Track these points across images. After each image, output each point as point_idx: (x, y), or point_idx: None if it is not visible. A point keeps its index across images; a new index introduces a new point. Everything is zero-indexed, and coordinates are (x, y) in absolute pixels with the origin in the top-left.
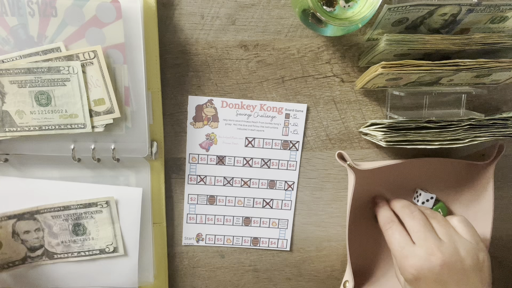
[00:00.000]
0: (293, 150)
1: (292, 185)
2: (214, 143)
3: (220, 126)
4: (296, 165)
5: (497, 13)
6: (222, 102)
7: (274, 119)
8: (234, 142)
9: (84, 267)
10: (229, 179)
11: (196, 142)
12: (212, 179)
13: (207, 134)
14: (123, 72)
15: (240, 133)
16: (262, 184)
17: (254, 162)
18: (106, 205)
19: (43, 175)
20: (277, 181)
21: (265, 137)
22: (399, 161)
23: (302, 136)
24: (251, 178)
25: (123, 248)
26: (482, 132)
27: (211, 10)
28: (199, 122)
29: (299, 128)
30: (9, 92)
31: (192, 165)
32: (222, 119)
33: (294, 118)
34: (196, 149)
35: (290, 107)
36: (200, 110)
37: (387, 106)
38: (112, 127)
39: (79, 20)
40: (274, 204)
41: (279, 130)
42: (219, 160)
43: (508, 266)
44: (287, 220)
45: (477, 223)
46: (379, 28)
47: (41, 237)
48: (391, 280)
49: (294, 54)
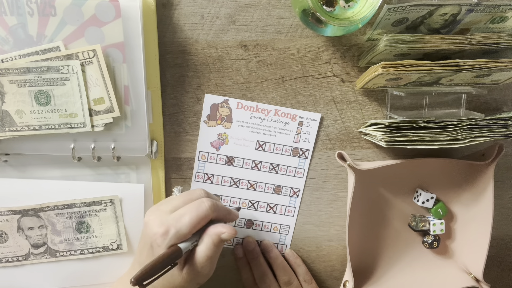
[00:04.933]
0: (302, 157)
1: (298, 192)
2: (225, 143)
3: (233, 127)
4: (304, 173)
5: (497, 13)
6: (238, 104)
7: (287, 125)
8: (245, 144)
9: (88, 264)
10: (236, 180)
11: (208, 140)
12: (219, 179)
13: (219, 133)
14: (123, 71)
15: (252, 136)
16: (268, 188)
17: (262, 166)
18: (110, 203)
19: (43, 175)
20: (283, 186)
21: (276, 142)
22: (399, 161)
23: (313, 145)
24: (258, 181)
25: (127, 245)
26: (482, 132)
27: (211, 10)
28: (213, 121)
29: (311, 136)
30: (9, 91)
31: (201, 162)
32: (236, 120)
33: (307, 126)
34: (207, 147)
35: (304, 115)
36: (215, 109)
37: (387, 106)
38: (112, 126)
39: (78, 19)
40: (278, 209)
41: (291, 137)
42: (228, 160)
43: (508, 266)
44: (288, 226)
45: (477, 223)
46: (379, 28)
47: (44, 234)
48: (391, 280)
49: (294, 54)
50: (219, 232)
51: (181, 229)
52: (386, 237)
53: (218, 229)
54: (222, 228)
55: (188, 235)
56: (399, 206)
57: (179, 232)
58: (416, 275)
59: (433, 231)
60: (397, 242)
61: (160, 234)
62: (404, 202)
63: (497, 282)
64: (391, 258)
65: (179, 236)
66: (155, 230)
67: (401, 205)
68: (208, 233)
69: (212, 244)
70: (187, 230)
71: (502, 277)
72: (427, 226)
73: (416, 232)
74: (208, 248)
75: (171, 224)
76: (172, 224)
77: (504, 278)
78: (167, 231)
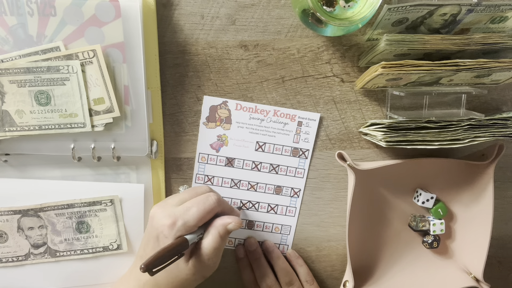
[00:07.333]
0: (302, 158)
1: (298, 192)
2: (225, 144)
3: (233, 128)
4: (304, 173)
5: (497, 13)
6: (237, 105)
7: (287, 125)
8: (244, 145)
9: (88, 264)
10: (236, 182)
11: (207, 142)
12: (220, 180)
13: (219, 135)
14: (123, 71)
15: (252, 137)
16: (268, 189)
17: (262, 167)
18: (110, 203)
19: (43, 175)
20: (284, 187)
21: (276, 143)
22: (399, 161)
23: (313, 145)
24: (258, 182)
25: (127, 245)
26: (482, 132)
27: (211, 10)
28: (212, 123)
29: (310, 136)
30: (9, 91)
31: (201, 164)
32: (235, 121)
33: (306, 126)
34: (206, 149)
35: (303, 115)
36: (214, 110)
37: (387, 106)
38: (112, 126)
39: (78, 19)
40: (279, 209)
41: (290, 137)
42: (228, 162)
43: (508, 266)
44: (289, 226)
45: (477, 223)
46: (379, 28)
47: (44, 234)
48: (391, 280)
49: (294, 54)
50: (226, 223)
51: (188, 221)
52: (386, 237)
53: (225, 220)
54: (228, 219)
55: (195, 227)
56: (399, 206)
57: (187, 223)
58: (416, 275)
59: (433, 231)
60: (397, 242)
61: (168, 225)
62: (404, 202)
63: (497, 282)
64: (391, 258)
65: (186, 228)
66: (163, 222)
67: (401, 205)
68: (215, 225)
69: (219, 236)
70: (194, 222)
71: (502, 277)
72: (427, 226)
73: (416, 232)
74: (214, 240)
75: (178, 215)
76: (179, 216)
77: (504, 278)
78: (175, 222)
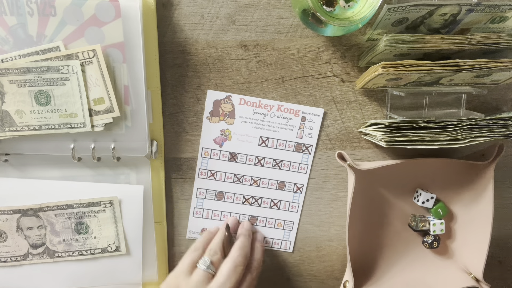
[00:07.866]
0: (305, 153)
1: (301, 188)
2: (228, 139)
3: (236, 123)
4: (307, 168)
5: (497, 13)
6: (240, 99)
7: (290, 120)
8: (248, 140)
9: (86, 266)
10: (239, 177)
11: (211, 137)
12: (223, 175)
13: (222, 130)
14: (123, 71)
15: (255, 132)
16: (271, 184)
17: (266, 162)
18: (109, 204)
19: (43, 175)
20: (287, 182)
21: (279, 138)
22: (399, 161)
23: (316, 140)
24: (261, 177)
25: (126, 247)
26: (482, 132)
27: (211, 10)
28: (216, 117)
29: (314, 132)
30: (9, 91)
31: (204, 159)
32: (239, 116)
33: (310, 121)
34: (209, 143)
35: (307, 110)
36: (217, 105)
37: (387, 106)
38: (111, 126)
39: (78, 19)
40: (282, 205)
41: (294, 132)
42: (231, 156)
43: (508, 266)
44: (292, 222)
45: (477, 223)
46: (379, 28)
47: (43, 234)
48: (391, 280)
49: (294, 54)
50: None
51: None
52: (386, 237)
53: None
54: None
55: None
56: (399, 206)
57: None
58: (416, 275)
59: (433, 231)
60: (397, 242)
61: None
62: (404, 202)
63: (497, 282)
64: (391, 258)
65: None
66: None
67: (401, 205)
68: None
69: None
70: None
71: (502, 277)
72: (427, 226)
73: (416, 232)
74: None
75: None
76: None
77: (504, 278)
78: None
